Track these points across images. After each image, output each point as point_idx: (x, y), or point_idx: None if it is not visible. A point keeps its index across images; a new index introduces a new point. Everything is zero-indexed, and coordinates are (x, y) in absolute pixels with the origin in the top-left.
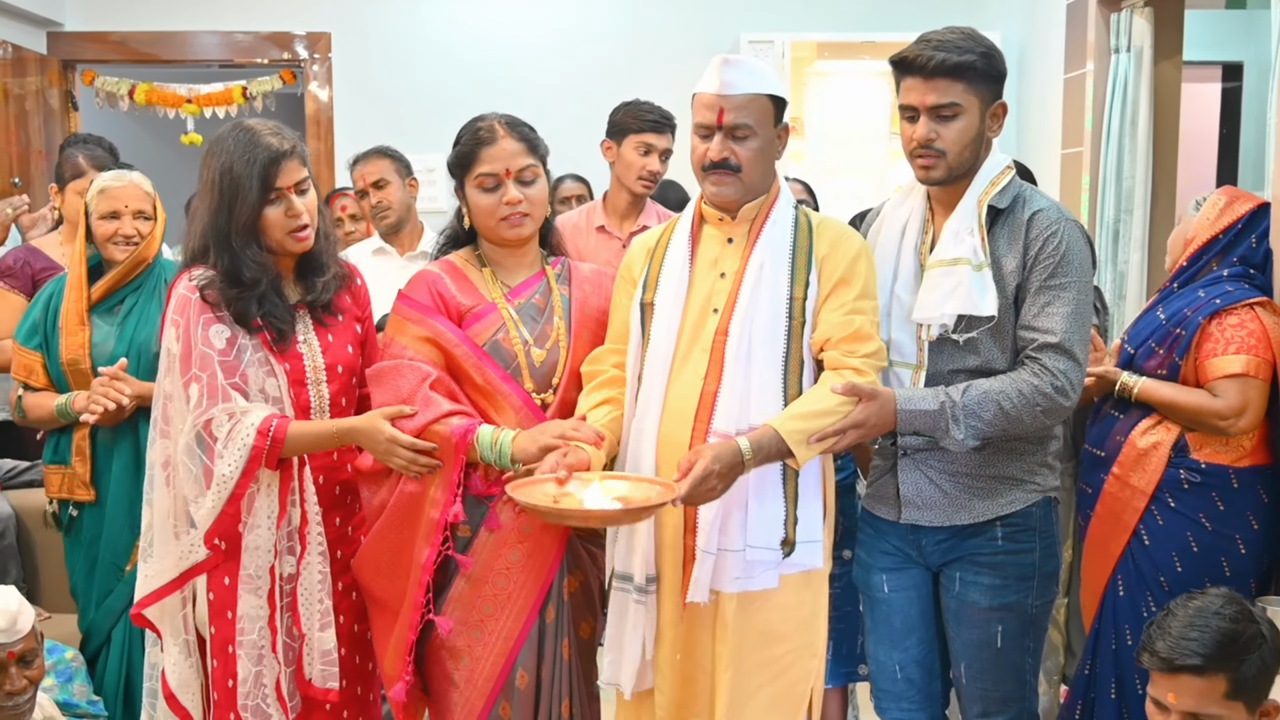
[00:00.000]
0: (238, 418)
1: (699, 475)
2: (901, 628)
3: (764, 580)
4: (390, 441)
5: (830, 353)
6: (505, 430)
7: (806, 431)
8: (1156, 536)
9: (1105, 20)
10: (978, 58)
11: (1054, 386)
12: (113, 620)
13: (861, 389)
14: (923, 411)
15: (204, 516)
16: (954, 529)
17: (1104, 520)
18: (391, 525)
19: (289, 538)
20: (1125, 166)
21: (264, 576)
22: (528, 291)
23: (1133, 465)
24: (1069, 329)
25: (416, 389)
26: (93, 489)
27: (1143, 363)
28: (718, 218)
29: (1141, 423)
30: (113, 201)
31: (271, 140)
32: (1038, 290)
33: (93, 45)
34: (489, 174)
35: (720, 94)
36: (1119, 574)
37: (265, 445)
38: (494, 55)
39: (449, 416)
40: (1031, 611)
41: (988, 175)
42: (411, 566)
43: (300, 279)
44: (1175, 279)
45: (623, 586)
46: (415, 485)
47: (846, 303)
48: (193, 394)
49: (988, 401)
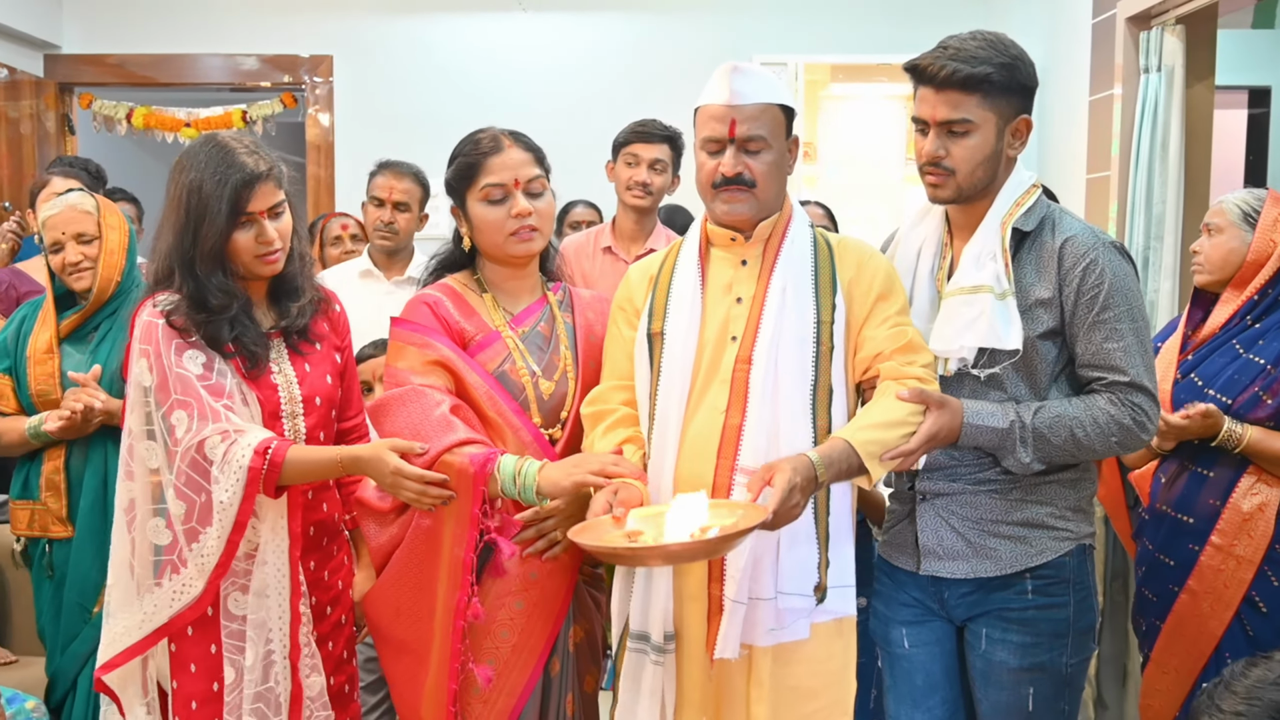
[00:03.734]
0: (233, 437)
1: (785, 490)
2: (924, 686)
3: (796, 631)
4: (396, 474)
5: (887, 364)
6: (530, 460)
7: (881, 444)
8: (1275, 601)
9: (1134, 39)
10: (995, 69)
11: (1133, 419)
12: (78, 665)
13: (930, 396)
14: (990, 428)
15: (210, 552)
16: (979, 581)
17: (1200, 597)
18: (410, 564)
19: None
20: (1155, 192)
21: (275, 621)
22: (531, 319)
23: (1237, 533)
24: (1134, 364)
25: (429, 414)
26: (69, 525)
27: (1247, 414)
28: (729, 239)
29: (1241, 482)
30: (52, 232)
31: (246, 160)
32: (1090, 326)
33: (90, 68)
34: (496, 184)
35: (731, 104)
36: (1226, 653)
37: (263, 467)
38: (501, 80)
39: (464, 445)
40: (1066, 671)
41: (1011, 195)
42: (437, 609)
43: (273, 304)
44: (1246, 312)
45: (638, 647)
46: (431, 519)
47: (890, 317)
48: (180, 421)
49: (1060, 426)
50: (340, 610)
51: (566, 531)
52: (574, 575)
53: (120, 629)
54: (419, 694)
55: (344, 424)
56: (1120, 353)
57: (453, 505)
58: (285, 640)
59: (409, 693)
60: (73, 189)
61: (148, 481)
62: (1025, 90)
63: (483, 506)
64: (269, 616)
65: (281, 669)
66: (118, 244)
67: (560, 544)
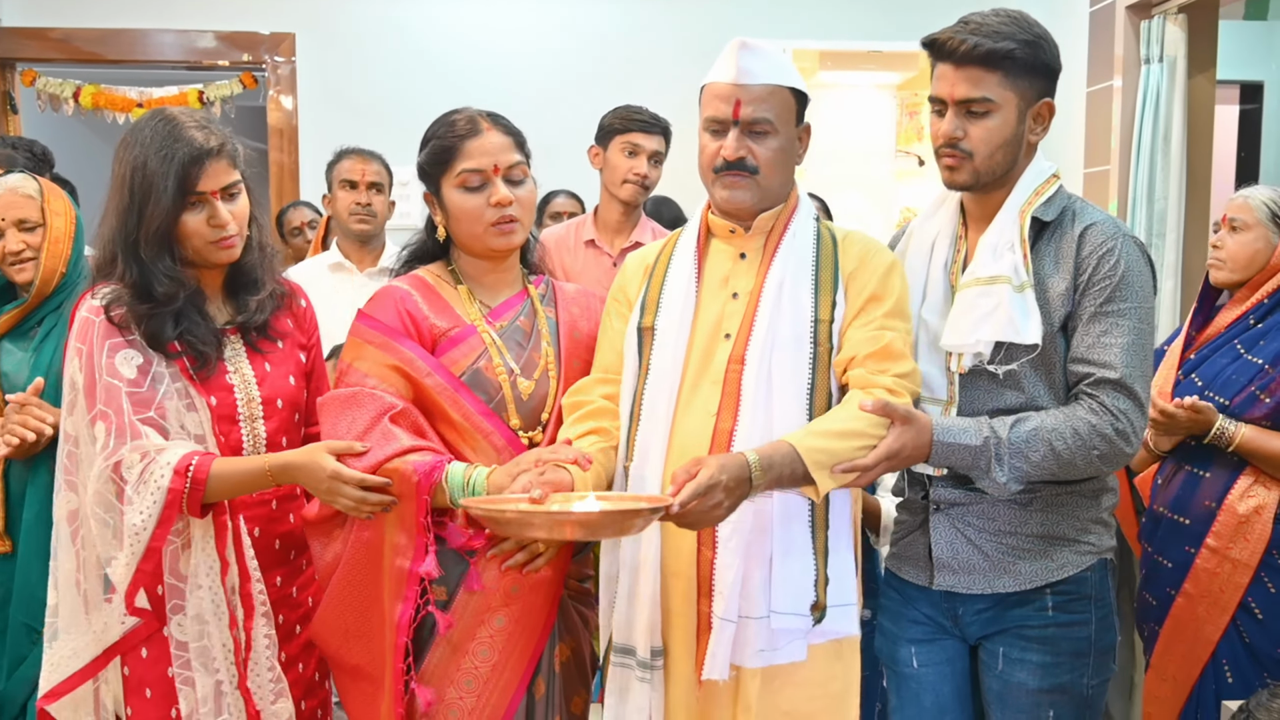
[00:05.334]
0: (151, 457)
1: (704, 484)
2: (933, 708)
3: (791, 653)
4: (333, 479)
5: (856, 371)
6: (479, 467)
7: (831, 454)
8: (1271, 607)
9: (1135, 29)
10: (1019, 45)
11: (1115, 429)
12: (27, 690)
13: (895, 410)
14: (963, 446)
15: (120, 577)
16: (996, 597)
17: (1196, 601)
18: (352, 580)
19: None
20: (1158, 187)
21: (219, 649)
22: (510, 313)
23: (1233, 536)
24: (1129, 363)
25: (374, 423)
26: (7, 539)
27: (1244, 413)
28: (728, 230)
29: (1237, 484)
30: None
31: (195, 134)
32: (1092, 317)
33: (33, 42)
34: (474, 170)
35: (737, 83)
36: (1223, 659)
37: (184, 488)
38: (475, 60)
39: (409, 453)
40: (1087, 693)
41: (1031, 184)
42: (385, 626)
43: (230, 297)
44: (1253, 313)
45: (623, 661)
46: (370, 531)
47: (875, 319)
48: (99, 434)
49: (1037, 440)
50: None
51: (548, 544)
52: (558, 590)
53: (68, 651)
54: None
55: (311, 428)
56: (1117, 349)
57: (396, 515)
58: (231, 669)
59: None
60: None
61: (91, 489)
62: (1049, 71)
63: (428, 517)
64: (211, 644)
65: (232, 699)
66: (63, 232)
67: (543, 556)
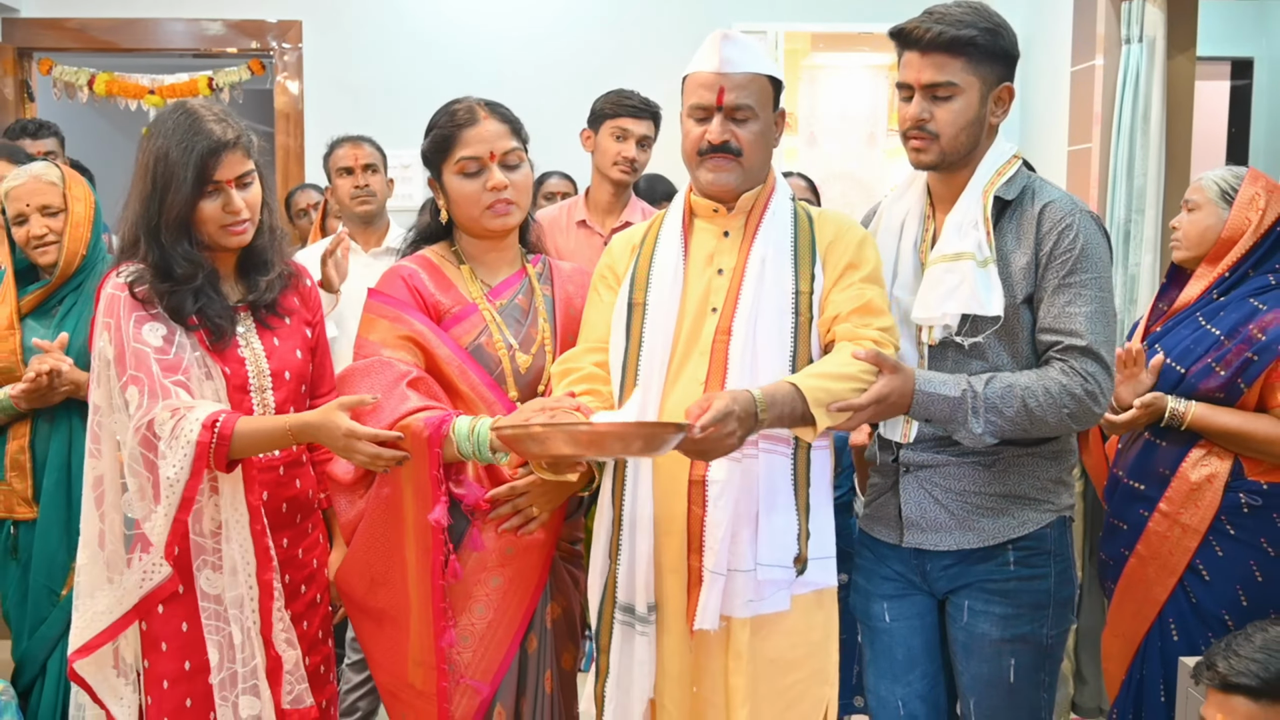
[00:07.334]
0: (181, 413)
1: (721, 412)
2: (904, 660)
3: (776, 602)
4: (349, 435)
5: (843, 325)
6: (484, 418)
7: (830, 394)
8: (1218, 570)
9: (1115, 9)
10: (980, 33)
11: (1084, 389)
12: (47, 650)
13: (885, 359)
14: (942, 397)
15: (159, 531)
16: (961, 553)
17: (1147, 562)
18: (375, 533)
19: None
20: (1137, 164)
21: (248, 599)
22: (509, 291)
23: (1184, 502)
24: (1094, 330)
25: (392, 387)
26: (35, 505)
27: (1199, 383)
28: (711, 209)
29: (1191, 453)
30: (15, 204)
31: (214, 127)
32: (1056, 289)
33: (50, 32)
34: (471, 157)
35: (720, 72)
36: (1169, 618)
37: (211, 441)
38: (474, 46)
39: (419, 412)
40: (1046, 642)
41: (993, 165)
42: (409, 575)
43: (242, 277)
44: (1215, 287)
45: (625, 619)
46: (389, 487)
47: (854, 282)
48: (132, 398)
49: (1011, 397)
50: (315, 589)
51: (541, 507)
52: (551, 551)
53: (101, 608)
54: (403, 662)
55: (316, 400)
56: (1081, 317)
57: (410, 470)
58: (255, 615)
59: (392, 662)
60: (41, 162)
61: (115, 457)
62: (1008, 57)
63: (440, 470)
64: (242, 594)
65: (256, 644)
66: (83, 216)
67: (536, 519)
